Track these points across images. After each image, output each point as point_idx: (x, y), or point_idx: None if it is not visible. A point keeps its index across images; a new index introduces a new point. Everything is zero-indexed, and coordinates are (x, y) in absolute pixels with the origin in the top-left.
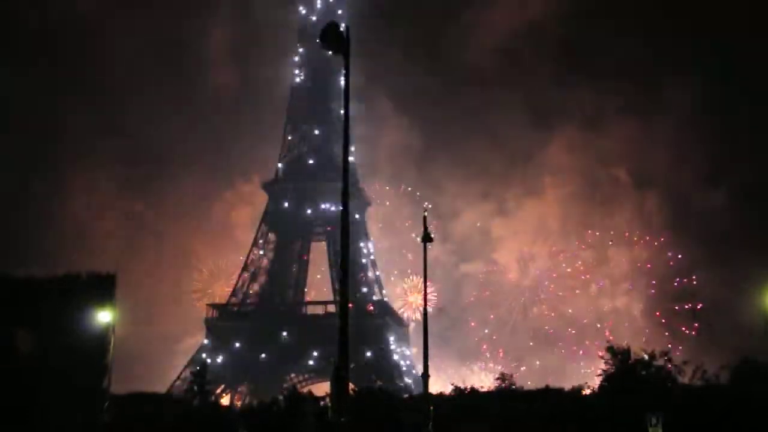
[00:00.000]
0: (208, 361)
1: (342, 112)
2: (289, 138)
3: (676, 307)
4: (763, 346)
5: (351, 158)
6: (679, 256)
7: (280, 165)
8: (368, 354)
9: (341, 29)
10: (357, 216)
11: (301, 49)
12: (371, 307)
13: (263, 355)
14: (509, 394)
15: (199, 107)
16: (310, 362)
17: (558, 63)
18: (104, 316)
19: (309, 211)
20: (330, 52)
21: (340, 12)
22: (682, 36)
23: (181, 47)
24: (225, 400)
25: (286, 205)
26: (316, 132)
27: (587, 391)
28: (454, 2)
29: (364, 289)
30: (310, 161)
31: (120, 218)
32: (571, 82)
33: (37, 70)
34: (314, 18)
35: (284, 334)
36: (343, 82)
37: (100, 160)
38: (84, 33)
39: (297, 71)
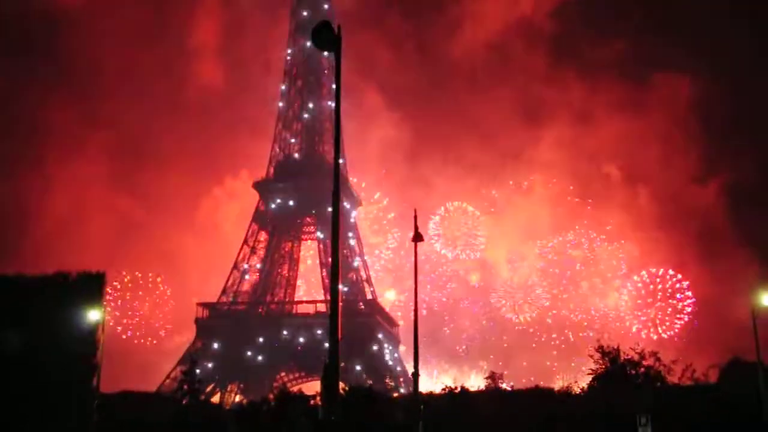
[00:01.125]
0: (198, 359)
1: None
2: (280, 135)
3: (669, 302)
4: (752, 345)
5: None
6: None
7: (270, 163)
8: (359, 353)
9: (333, 27)
10: (347, 213)
11: (292, 47)
12: (362, 306)
13: (253, 354)
14: (499, 393)
15: (188, 102)
16: (301, 361)
17: (548, 59)
18: (94, 315)
19: (300, 210)
20: (323, 51)
21: (328, 7)
22: (673, 33)
23: (168, 41)
24: (215, 399)
25: (277, 204)
26: (307, 130)
27: (577, 391)
28: None
29: (355, 288)
30: (301, 159)
31: (107, 214)
32: (561, 78)
33: (19, 64)
34: (305, 13)
35: (274, 333)
36: (336, 80)
37: (86, 155)
38: (68, 25)
39: (288, 68)
